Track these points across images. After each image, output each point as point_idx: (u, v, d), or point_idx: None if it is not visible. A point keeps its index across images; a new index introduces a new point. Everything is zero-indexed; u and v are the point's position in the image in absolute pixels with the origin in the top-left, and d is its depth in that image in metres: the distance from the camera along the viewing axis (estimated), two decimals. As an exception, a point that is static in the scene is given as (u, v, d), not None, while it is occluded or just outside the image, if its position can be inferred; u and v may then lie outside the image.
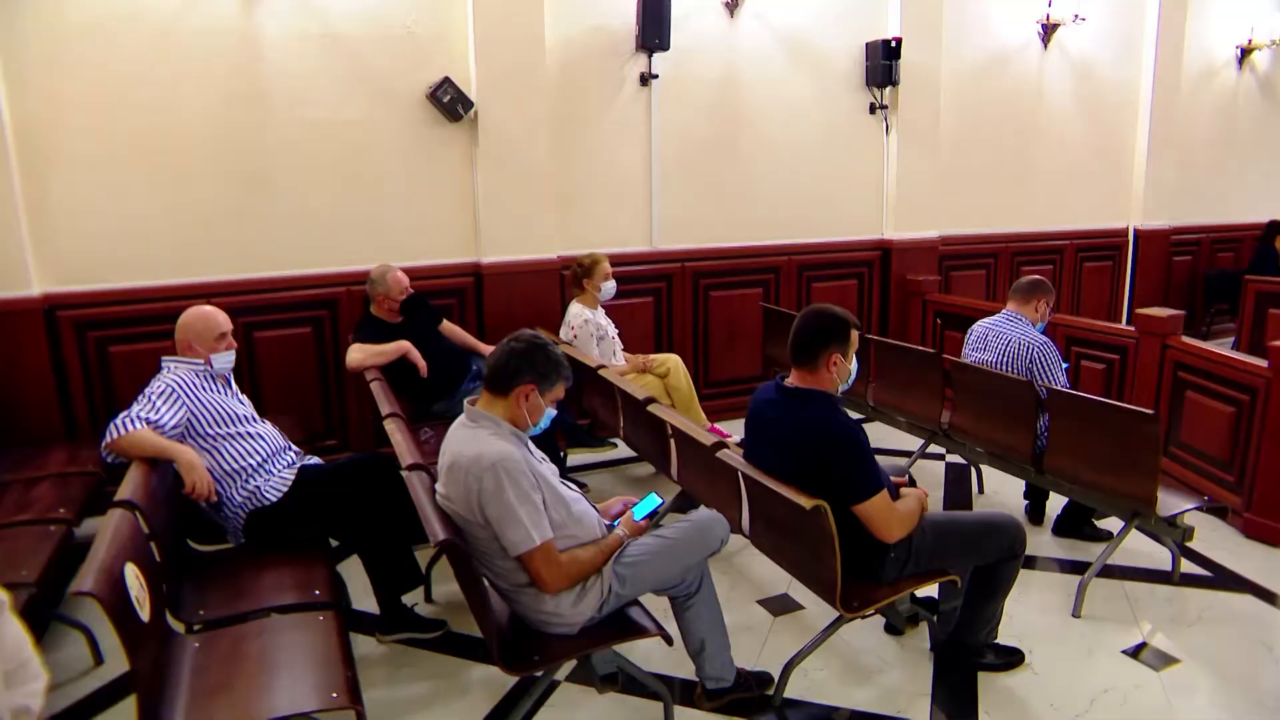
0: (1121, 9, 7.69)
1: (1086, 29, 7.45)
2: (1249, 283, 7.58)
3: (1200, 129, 8.57)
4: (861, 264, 6.59)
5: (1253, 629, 3.60)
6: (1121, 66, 7.81)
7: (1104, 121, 7.84)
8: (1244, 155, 9.00)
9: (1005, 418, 4.04)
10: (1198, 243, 8.69)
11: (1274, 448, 4.19)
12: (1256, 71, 8.91)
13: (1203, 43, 8.38)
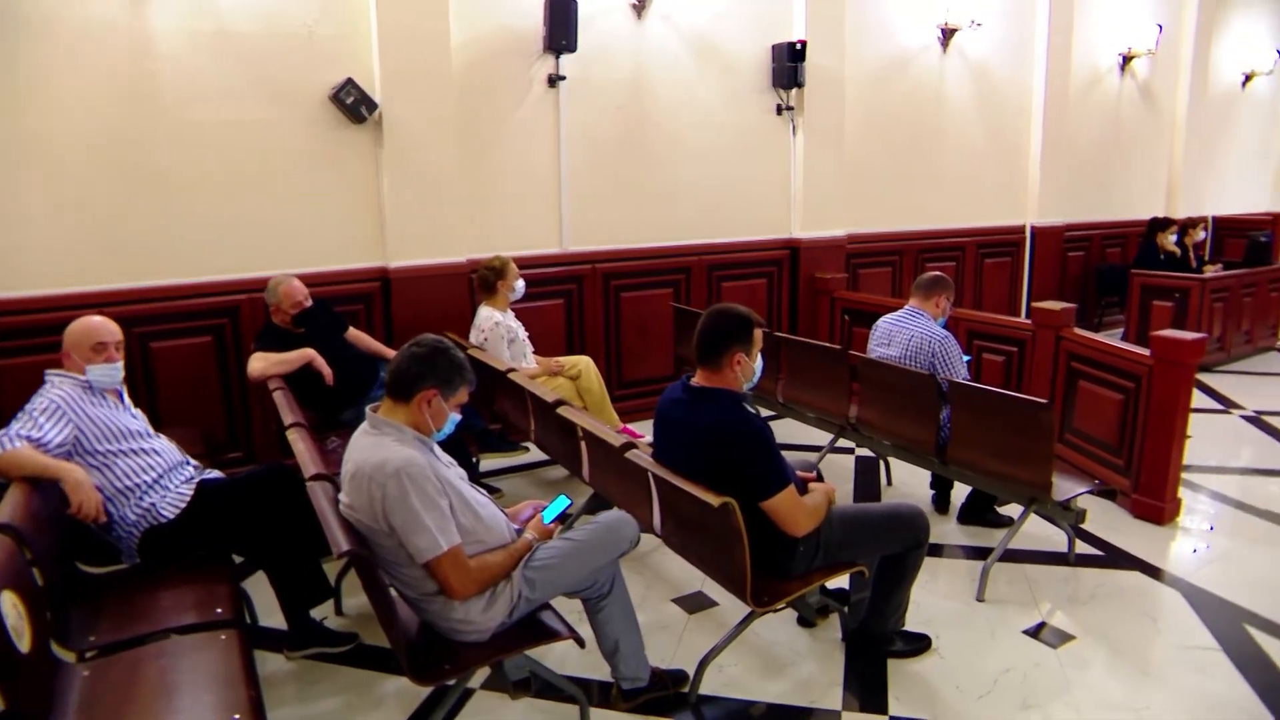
0: (1015, 16, 8.01)
1: (983, 34, 7.72)
2: (1135, 276, 7.97)
3: (1088, 131, 8.98)
4: (770, 263, 6.69)
5: (1140, 603, 3.80)
6: (1016, 71, 8.13)
7: (1001, 123, 8.14)
8: (1127, 156, 9.49)
9: (910, 411, 4.15)
10: (1089, 239, 9.10)
11: (1157, 432, 4.41)
12: (1136, 78, 9.38)
13: (1089, 50, 8.79)
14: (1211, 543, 4.43)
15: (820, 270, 6.72)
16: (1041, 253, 8.45)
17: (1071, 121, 8.61)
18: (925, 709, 3.06)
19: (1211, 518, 4.72)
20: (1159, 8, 9.38)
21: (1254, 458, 5.75)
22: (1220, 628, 3.59)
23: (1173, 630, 3.59)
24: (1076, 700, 3.11)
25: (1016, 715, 3.03)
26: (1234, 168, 11.09)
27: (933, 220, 7.75)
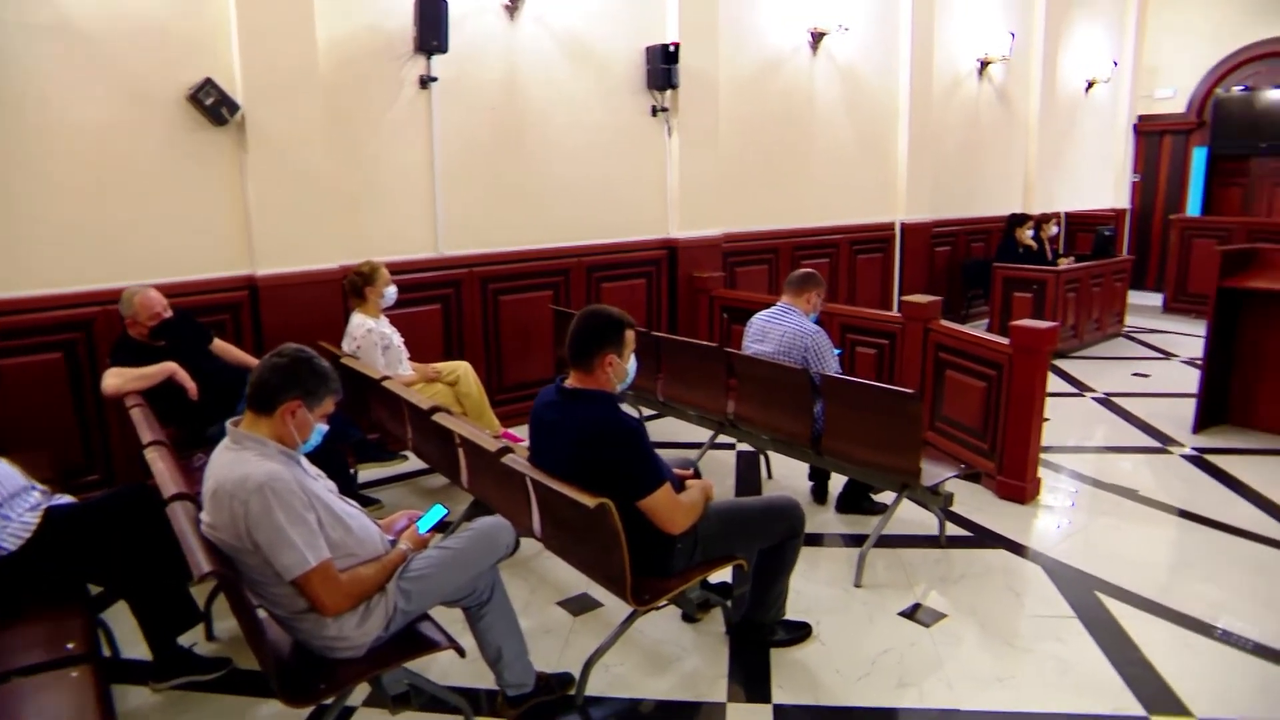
0: (880, 21, 8.31)
1: (851, 38, 7.98)
2: (997, 270, 8.41)
3: (951, 132, 9.40)
4: (649, 263, 6.74)
5: (1006, 579, 4.00)
6: (882, 74, 8.44)
7: (870, 124, 8.44)
8: (988, 156, 10.00)
9: (785, 405, 4.25)
10: (955, 235, 9.53)
11: (1017, 417, 4.65)
12: (993, 82, 9.88)
13: (949, 55, 9.21)
14: (1070, 518, 4.70)
15: (698, 269, 6.82)
16: (911, 248, 8.80)
17: (935, 123, 9.00)
18: (807, 694, 3.14)
19: (1070, 495, 5.00)
20: (1011, 17, 9.91)
21: (1106, 437, 6.12)
22: (1076, 597, 3.81)
23: (1034, 602, 3.80)
24: (949, 675, 3.25)
25: (893, 694, 3.14)
26: (1081, 167, 11.81)
27: (807, 218, 7.96)
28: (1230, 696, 3.13)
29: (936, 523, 4.33)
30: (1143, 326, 9.82)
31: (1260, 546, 4.37)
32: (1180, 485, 5.19)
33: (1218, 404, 6.13)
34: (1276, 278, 5.72)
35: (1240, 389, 6.11)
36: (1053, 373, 7.62)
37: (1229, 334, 6.04)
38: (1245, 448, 5.76)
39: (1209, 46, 11.96)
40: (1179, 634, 3.55)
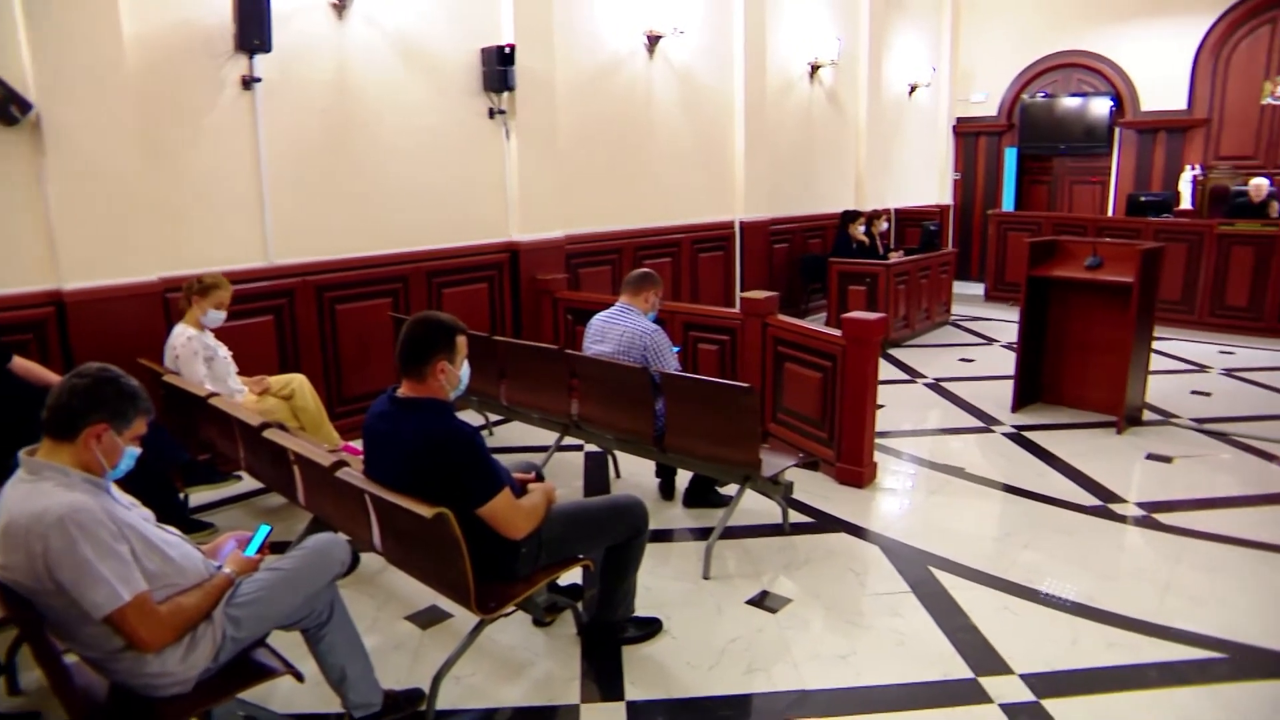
0: (714, 25, 8.51)
1: (686, 41, 8.13)
2: (832, 264, 8.77)
3: (786, 133, 9.74)
4: (491, 267, 6.66)
5: (847, 561, 4.17)
6: (718, 76, 8.64)
7: (707, 125, 8.63)
8: (821, 155, 10.42)
9: (627, 404, 4.29)
10: (792, 231, 9.88)
11: (852, 405, 4.86)
12: (824, 85, 10.30)
13: (781, 59, 9.53)
14: (904, 499, 4.96)
15: (541, 272, 6.78)
16: (750, 246, 9.06)
17: (770, 124, 9.30)
18: (660, 689, 3.17)
19: (904, 477, 5.27)
20: (838, 24, 10.37)
21: (936, 419, 6.49)
22: (911, 573, 4.03)
23: (874, 581, 3.98)
24: (795, 657, 3.36)
25: (743, 680, 3.22)
26: (907, 166, 12.50)
27: (649, 218, 8.06)
28: (1046, 652, 3.38)
29: (780, 511, 4.47)
30: (968, 314, 10.48)
31: (1070, 513, 4.74)
32: (1002, 461, 5.57)
33: (1032, 384, 6.61)
34: (1075, 266, 6.21)
35: (1050, 369, 6.60)
36: (887, 361, 8.03)
37: (1039, 319, 6.51)
38: (1055, 423, 6.24)
39: (1015, 55, 12.92)
40: (1002, 599, 3.80)
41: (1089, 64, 12.44)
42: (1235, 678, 3.26)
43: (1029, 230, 10.36)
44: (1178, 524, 4.59)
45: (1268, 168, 11.26)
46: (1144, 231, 9.70)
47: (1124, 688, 3.18)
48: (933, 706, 3.08)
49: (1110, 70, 12.27)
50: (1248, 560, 4.22)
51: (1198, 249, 9.68)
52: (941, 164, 13.41)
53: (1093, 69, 12.43)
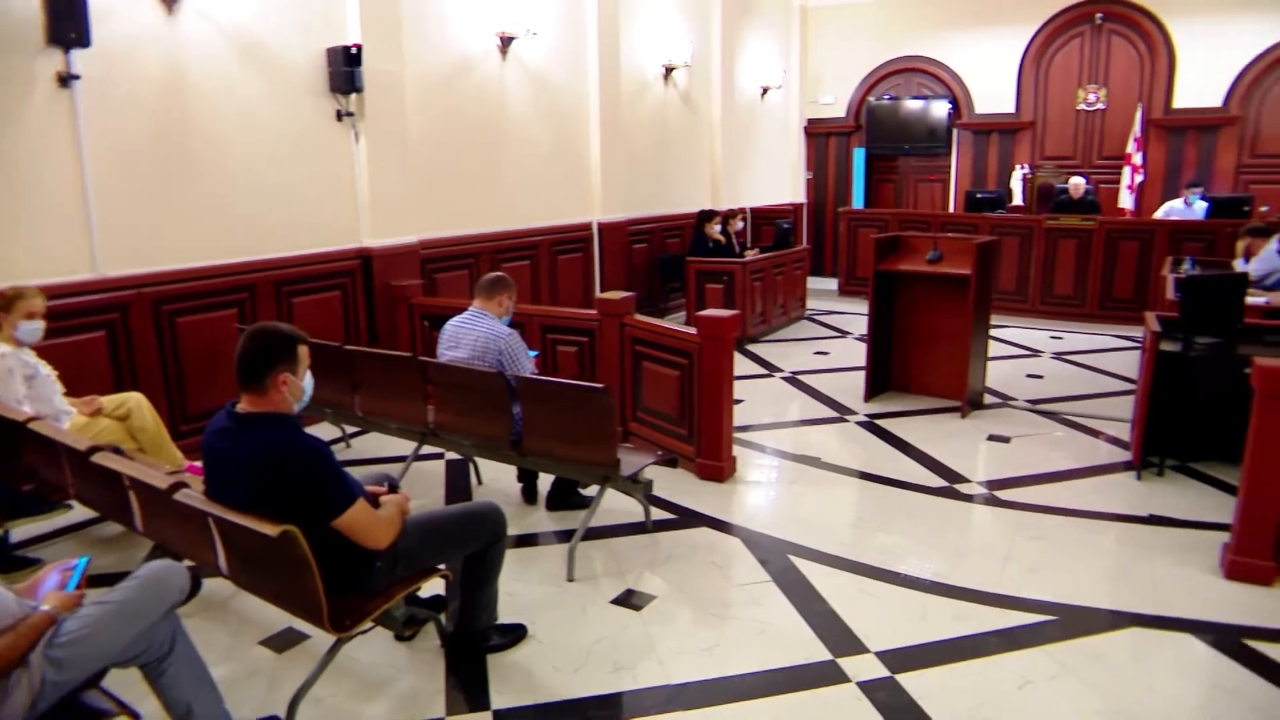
0: (567, 27, 8.51)
1: (540, 43, 8.09)
2: (689, 263, 8.92)
3: (642, 134, 9.84)
4: (343, 274, 6.44)
5: (709, 554, 4.25)
6: (572, 78, 8.64)
7: (563, 127, 8.62)
8: (677, 156, 10.58)
9: (483, 410, 4.24)
10: (651, 232, 9.99)
11: (710, 401, 4.95)
12: (678, 87, 10.47)
13: (636, 61, 9.62)
14: (764, 491, 5.09)
15: (395, 278, 6.61)
16: (609, 247, 9.11)
17: (625, 125, 9.37)
18: (526, 694, 3.15)
19: (764, 469, 5.41)
20: (691, 27, 10.56)
21: (795, 412, 6.69)
22: (771, 562, 4.14)
23: (736, 572, 4.07)
24: (661, 653, 3.40)
25: (610, 679, 3.23)
26: (762, 166, 12.86)
27: (506, 221, 7.98)
28: (899, 629, 3.54)
29: (643, 510, 4.51)
30: (823, 309, 10.86)
31: (920, 495, 4.99)
32: (857, 449, 5.80)
33: (882, 374, 6.91)
34: (918, 261, 6.53)
35: (899, 359, 6.92)
36: (745, 356, 8.24)
37: (888, 311, 6.81)
38: (905, 410, 6.55)
39: (860, 59, 13.49)
40: (859, 582, 3.96)
41: (928, 69, 13.11)
42: (1064, 637, 3.51)
43: (877, 227, 10.84)
44: (1016, 499, 4.90)
45: (1085, 167, 12.16)
46: (981, 226, 10.28)
47: (969, 656, 3.37)
48: (794, 690, 3.17)
49: (947, 75, 12.96)
50: (1077, 528, 4.54)
51: (1029, 242, 10.36)
52: (794, 164, 13.86)
53: (931, 74, 13.10)
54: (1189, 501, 4.84)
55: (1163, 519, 4.63)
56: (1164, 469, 5.25)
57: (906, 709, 3.05)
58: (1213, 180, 11.34)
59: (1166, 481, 5.15)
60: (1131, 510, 4.76)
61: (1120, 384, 7.24)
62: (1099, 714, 3.04)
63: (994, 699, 3.11)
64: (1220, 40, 11.20)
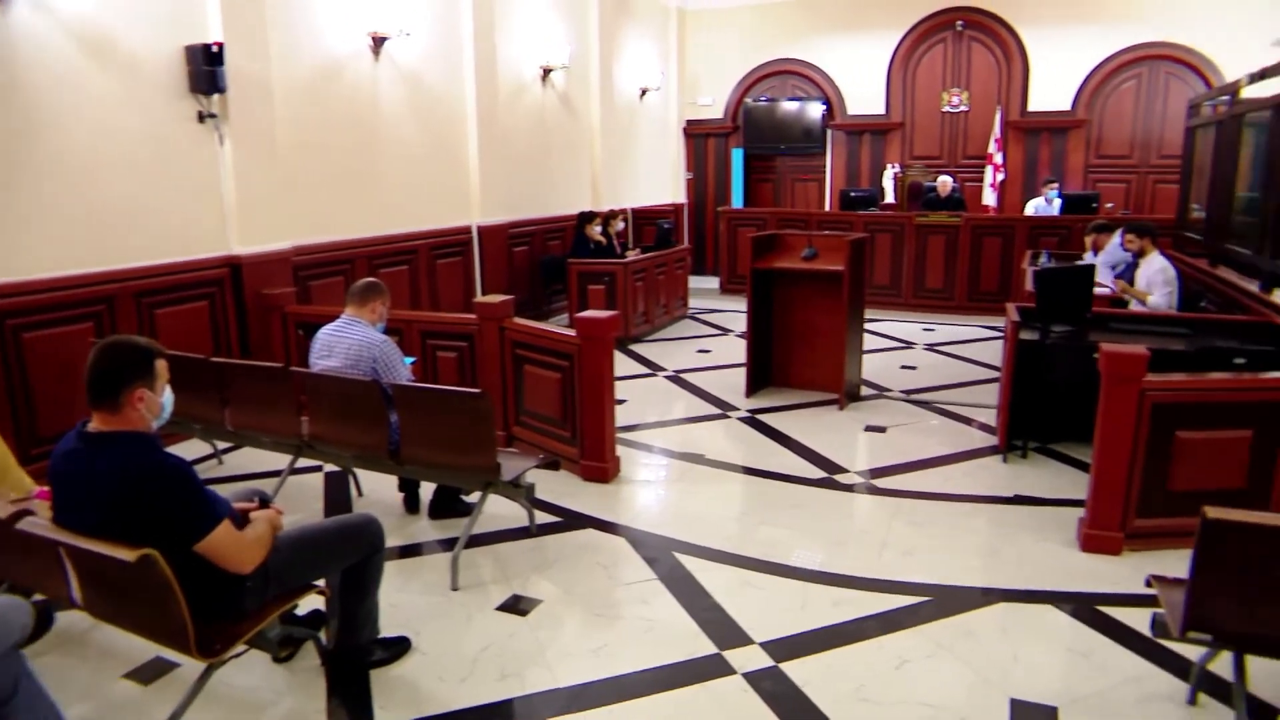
0: (441, 27, 8.35)
1: (414, 43, 7.92)
2: (571, 265, 8.92)
3: (521, 136, 9.76)
4: (210, 283, 6.15)
5: (595, 556, 4.25)
6: (448, 79, 8.50)
7: (439, 129, 8.46)
8: (557, 158, 10.55)
9: (359, 419, 4.12)
10: (531, 234, 9.92)
11: (591, 402, 4.95)
12: (556, 88, 10.43)
13: (513, 62, 9.53)
14: (648, 489, 5.13)
15: (267, 286, 6.34)
16: (489, 250, 8.99)
17: (503, 127, 9.28)
18: (411, 708, 3.08)
19: (648, 468, 5.45)
20: (569, 28, 10.53)
21: (678, 410, 6.76)
22: (657, 560, 4.17)
23: (622, 572, 4.08)
24: (548, 658, 3.38)
25: (496, 687, 3.19)
26: (642, 166, 12.96)
27: (383, 226, 7.77)
28: (782, 619, 3.62)
29: (526, 514, 4.47)
30: (705, 307, 11.02)
31: (801, 487, 5.12)
32: (739, 444, 5.90)
33: (763, 370, 7.06)
34: (794, 258, 6.70)
35: (779, 355, 7.09)
36: (628, 356, 8.29)
37: (766, 308, 6.96)
38: (785, 404, 6.71)
39: (737, 61, 13.75)
40: (743, 575, 4.03)
41: (802, 71, 13.46)
42: (939, 616, 3.67)
43: (756, 225, 11.07)
44: (893, 487, 5.08)
45: (951, 166, 12.72)
46: (855, 224, 10.64)
47: (849, 641, 3.48)
48: (681, 685, 3.20)
49: (820, 77, 13.33)
50: (949, 512, 4.75)
51: (900, 239, 10.77)
52: (674, 164, 14.03)
53: (805, 76, 13.46)
54: (1049, 481, 5.12)
55: (1026, 498, 4.89)
56: (1027, 451, 5.53)
57: (790, 696, 3.12)
58: (1065, 179, 12.04)
59: (1030, 463, 5.43)
60: (998, 492, 5.00)
61: (988, 372, 7.60)
62: (970, 686, 3.18)
63: (874, 680, 3.21)
64: (1067, 48, 11.91)
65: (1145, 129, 11.95)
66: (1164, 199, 11.50)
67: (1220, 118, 7.93)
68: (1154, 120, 11.87)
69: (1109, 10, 11.65)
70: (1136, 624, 3.48)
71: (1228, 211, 7.71)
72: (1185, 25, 11.32)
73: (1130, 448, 4.06)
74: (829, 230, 9.02)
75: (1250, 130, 7.33)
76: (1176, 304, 6.79)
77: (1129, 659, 3.34)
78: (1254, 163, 7.14)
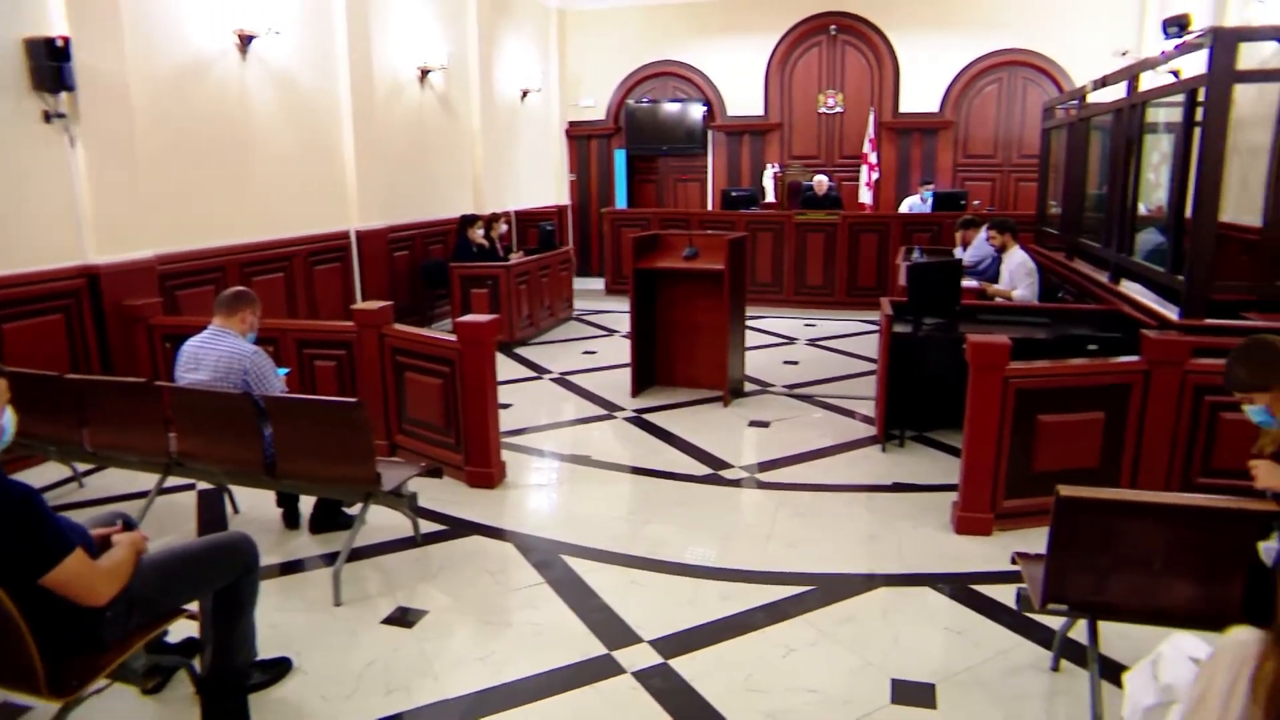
0: (313, 26, 8.07)
1: (284, 42, 7.63)
2: (453, 269, 8.79)
3: (399, 138, 9.54)
4: (64, 295, 5.75)
5: (482, 563, 4.19)
6: (322, 80, 8.23)
7: (314, 131, 8.19)
8: (437, 160, 10.36)
9: (231, 434, 3.95)
10: (413, 238, 9.71)
11: (474, 408, 4.89)
12: (435, 89, 10.25)
13: (390, 62, 9.31)
14: (535, 493, 5.10)
15: (129, 297, 5.98)
16: (369, 255, 8.75)
17: (381, 129, 9.05)
18: (292, 731, 2.98)
19: (535, 471, 5.41)
20: (446, 28, 10.36)
21: (564, 412, 6.74)
22: (545, 564, 4.14)
23: (510, 578, 4.04)
24: (435, 669, 3.31)
25: (382, 703, 3.11)
26: (524, 168, 12.87)
27: (256, 232, 7.45)
28: (670, 616, 3.65)
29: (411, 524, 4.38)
30: (590, 308, 11.02)
31: (687, 484, 5.18)
32: (626, 444, 5.93)
33: (648, 369, 7.11)
34: (675, 258, 6.77)
35: (663, 354, 7.15)
36: (514, 360, 8.24)
37: (650, 308, 7.01)
38: (671, 403, 6.77)
39: (618, 63, 13.83)
40: (630, 574, 4.05)
41: (683, 73, 13.62)
42: (823, 604, 3.77)
43: (639, 226, 11.13)
44: (777, 480, 5.20)
45: (828, 166, 13.11)
46: (737, 223, 10.83)
47: (737, 633, 3.53)
48: (571, 688, 3.19)
49: (700, 79, 13.53)
50: (832, 502, 4.89)
51: (781, 237, 11.03)
52: (557, 166, 13.99)
53: (686, 78, 13.63)
54: (925, 467, 5.33)
55: (905, 485, 5.08)
56: (904, 440, 5.75)
57: (680, 691, 3.15)
58: (936, 177, 12.56)
59: (907, 451, 5.64)
60: (878, 480, 5.18)
61: (868, 365, 7.85)
62: (853, 670, 3.28)
63: (761, 670, 3.28)
64: (935, 53, 12.47)
65: (1007, 130, 12.60)
66: (1026, 196, 12.14)
67: (1071, 120, 8.43)
68: (1014, 122, 12.53)
69: (972, 18, 12.24)
70: (1006, 599, 3.65)
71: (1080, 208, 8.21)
72: (1040, 34, 12.06)
73: (997, 432, 4.26)
74: (711, 229, 9.14)
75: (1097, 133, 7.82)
76: (1038, 295, 7.17)
77: (1000, 633, 3.52)
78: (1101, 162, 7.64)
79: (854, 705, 3.07)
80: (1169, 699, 2.12)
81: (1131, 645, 3.24)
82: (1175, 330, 4.69)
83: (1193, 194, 4.90)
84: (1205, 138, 4.71)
